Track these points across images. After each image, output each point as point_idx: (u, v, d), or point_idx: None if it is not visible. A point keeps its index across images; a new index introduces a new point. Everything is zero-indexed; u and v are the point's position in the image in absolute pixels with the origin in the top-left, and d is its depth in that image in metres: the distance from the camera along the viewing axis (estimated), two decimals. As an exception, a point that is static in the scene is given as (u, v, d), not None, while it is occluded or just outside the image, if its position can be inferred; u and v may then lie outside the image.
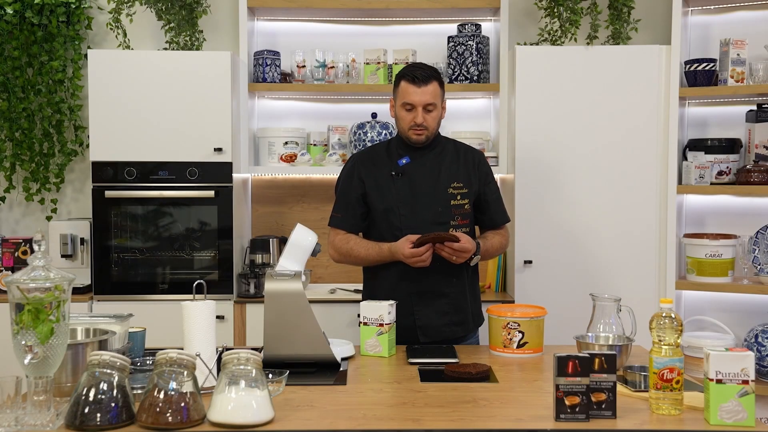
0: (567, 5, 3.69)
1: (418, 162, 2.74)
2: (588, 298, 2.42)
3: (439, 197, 2.71)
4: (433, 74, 2.69)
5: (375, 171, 2.76)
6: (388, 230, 2.73)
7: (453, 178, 2.74)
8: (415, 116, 2.67)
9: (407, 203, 2.71)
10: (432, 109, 2.68)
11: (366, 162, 2.80)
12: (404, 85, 2.68)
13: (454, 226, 2.71)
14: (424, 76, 2.66)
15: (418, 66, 2.73)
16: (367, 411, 1.90)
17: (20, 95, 3.89)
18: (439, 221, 2.70)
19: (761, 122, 3.63)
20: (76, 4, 3.86)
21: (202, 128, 3.61)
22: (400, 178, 2.73)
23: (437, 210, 2.71)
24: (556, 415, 1.81)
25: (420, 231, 2.63)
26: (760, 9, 3.75)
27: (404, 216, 2.71)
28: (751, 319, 3.64)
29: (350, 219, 2.78)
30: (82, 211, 4.08)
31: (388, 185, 2.73)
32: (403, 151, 2.76)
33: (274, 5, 3.87)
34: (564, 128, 3.65)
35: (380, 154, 2.81)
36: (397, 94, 2.71)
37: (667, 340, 1.85)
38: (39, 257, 1.78)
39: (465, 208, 2.74)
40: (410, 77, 2.67)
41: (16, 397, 1.76)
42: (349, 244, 2.77)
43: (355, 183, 2.78)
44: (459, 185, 2.74)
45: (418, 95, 2.65)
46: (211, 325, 2.03)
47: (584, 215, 3.65)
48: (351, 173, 2.80)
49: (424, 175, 2.73)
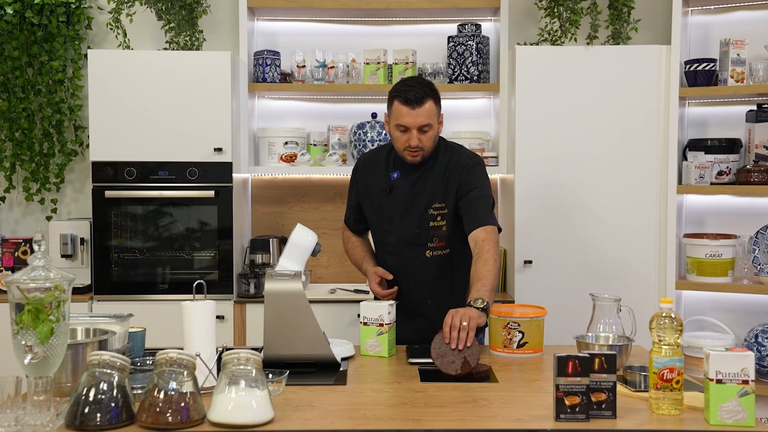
0: (567, 5, 3.69)
1: (406, 178, 2.68)
2: (588, 298, 2.42)
3: (417, 219, 2.65)
4: (428, 92, 2.55)
5: (371, 181, 2.77)
6: (376, 240, 2.82)
7: (435, 197, 2.64)
8: (409, 138, 2.57)
9: (391, 220, 2.71)
10: (427, 130, 2.57)
11: (366, 169, 2.81)
12: (397, 106, 2.56)
13: (431, 249, 2.66)
14: (417, 97, 2.52)
15: (412, 85, 2.58)
16: (367, 411, 1.90)
17: (20, 95, 3.89)
18: (415, 242, 2.67)
19: (761, 122, 3.63)
20: (76, 4, 3.86)
21: (202, 128, 3.61)
22: (388, 194, 2.70)
23: (414, 231, 2.66)
24: (556, 415, 1.81)
25: (397, 251, 2.71)
26: (760, 9, 3.75)
27: (386, 232, 2.72)
28: (751, 319, 3.64)
29: (351, 220, 2.90)
30: (82, 211, 4.08)
31: (379, 198, 2.73)
32: (397, 163, 2.71)
33: (274, 5, 3.87)
34: (564, 128, 3.65)
35: (380, 162, 2.77)
36: (391, 113, 2.61)
37: (667, 340, 1.85)
38: (39, 257, 1.78)
39: (443, 230, 2.64)
40: (403, 99, 2.54)
41: (16, 397, 1.76)
42: (348, 245, 2.93)
43: (354, 190, 2.84)
44: (440, 206, 2.64)
45: (411, 117, 2.53)
46: (211, 325, 2.03)
47: (584, 215, 3.65)
48: (354, 178, 2.85)
49: (407, 194, 2.67)
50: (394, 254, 2.71)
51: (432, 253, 2.67)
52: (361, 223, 2.86)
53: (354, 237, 2.91)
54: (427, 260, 2.67)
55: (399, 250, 2.69)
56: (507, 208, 3.85)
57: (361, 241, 2.91)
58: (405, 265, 2.69)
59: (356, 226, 2.89)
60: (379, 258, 2.81)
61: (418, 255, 2.68)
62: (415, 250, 2.67)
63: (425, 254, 2.67)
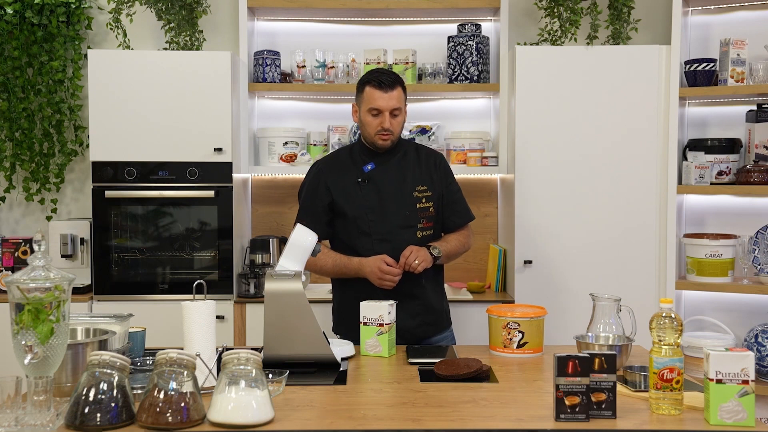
0: (567, 5, 3.69)
1: (383, 167, 2.77)
2: (588, 298, 2.42)
3: (405, 201, 2.75)
4: (397, 79, 2.72)
5: (341, 178, 2.78)
6: (357, 236, 2.75)
7: (417, 181, 2.78)
8: (382, 121, 2.69)
9: (375, 209, 2.74)
10: (398, 114, 2.71)
11: (332, 169, 2.81)
12: (369, 91, 2.69)
13: (420, 229, 2.76)
14: (389, 81, 2.68)
15: (383, 71, 2.74)
16: (367, 411, 1.90)
17: (20, 95, 3.89)
18: (407, 224, 2.75)
19: (761, 122, 3.63)
20: (76, 4, 3.87)
21: (202, 128, 3.61)
22: (367, 184, 2.76)
23: (404, 214, 2.75)
24: (556, 415, 1.81)
25: (389, 236, 2.71)
26: (760, 9, 3.75)
27: (373, 222, 2.74)
28: (751, 319, 3.64)
29: (316, 226, 2.63)
30: (82, 211, 4.08)
31: (355, 192, 2.76)
32: (367, 157, 2.79)
33: (274, 5, 3.87)
34: (564, 128, 3.65)
35: (344, 160, 2.83)
36: (362, 99, 2.73)
37: (667, 340, 1.85)
38: (39, 257, 1.78)
39: (429, 210, 2.78)
40: (376, 82, 2.68)
41: (16, 397, 1.76)
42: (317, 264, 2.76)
43: (321, 191, 2.78)
44: (423, 188, 2.78)
45: (384, 100, 2.67)
46: (211, 325, 2.03)
47: (584, 215, 3.65)
48: (316, 181, 2.80)
49: (390, 180, 2.77)
50: (387, 240, 2.71)
51: (422, 233, 2.76)
52: (327, 226, 2.78)
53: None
54: (418, 240, 2.74)
55: (393, 234, 2.72)
56: (507, 208, 3.85)
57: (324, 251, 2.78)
58: (399, 249, 2.68)
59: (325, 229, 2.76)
60: (367, 250, 2.72)
61: (410, 237, 2.74)
62: (407, 232, 2.74)
63: (416, 235, 2.75)
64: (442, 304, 2.86)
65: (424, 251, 2.66)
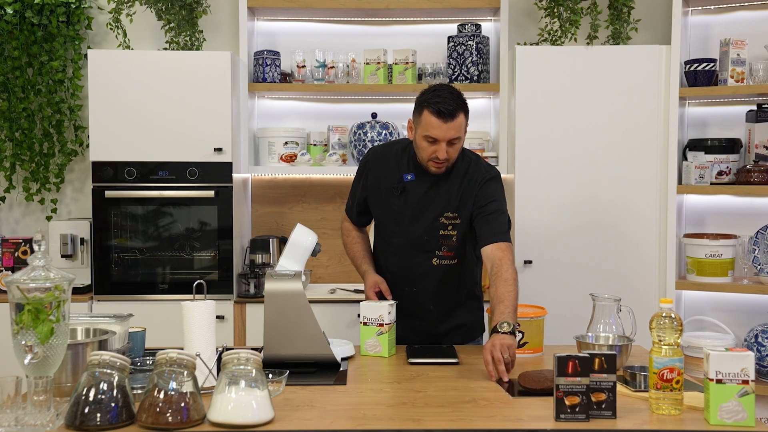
0: (567, 5, 3.69)
1: (420, 182, 2.60)
2: (588, 298, 2.42)
3: (428, 225, 2.60)
4: (460, 105, 2.46)
5: (381, 178, 2.68)
6: (378, 237, 2.76)
7: (447, 207, 2.58)
8: (436, 150, 2.47)
9: (399, 223, 2.65)
10: (456, 142, 2.48)
11: (378, 165, 2.71)
12: (428, 117, 2.45)
13: (438, 257, 2.62)
14: (450, 110, 2.42)
15: (445, 96, 2.45)
16: (367, 411, 1.90)
17: (20, 95, 3.89)
18: (424, 249, 2.62)
19: (761, 122, 3.63)
20: (76, 4, 3.86)
21: (202, 128, 3.61)
22: (399, 195, 2.63)
23: (424, 238, 2.61)
24: (556, 415, 1.81)
25: (402, 253, 2.66)
26: (760, 9, 3.75)
27: (394, 233, 2.67)
28: (751, 319, 3.64)
29: (355, 212, 2.82)
30: (82, 211, 4.08)
31: (387, 198, 2.66)
32: (412, 165, 2.63)
33: (274, 5, 3.87)
34: (564, 128, 3.65)
35: (392, 158, 2.68)
36: (419, 122, 2.49)
37: (667, 340, 1.85)
38: (39, 257, 1.78)
39: (452, 240, 2.59)
40: (435, 110, 2.43)
41: (16, 397, 1.76)
42: (347, 239, 2.86)
43: (362, 183, 2.75)
44: (452, 215, 2.58)
45: (443, 131, 2.44)
46: (211, 325, 2.03)
47: (584, 215, 3.65)
48: (363, 171, 2.76)
49: (420, 199, 2.60)
50: (399, 257, 2.67)
51: (439, 261, 2.62)
52: (365, 216, 2.80)
53: (354, 230, 2.84)
54: (432, 267, 2.63)
55: (405, 253, 2.64)
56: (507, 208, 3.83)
57: (361, 237, 2.84)
58: (409, 270, 2.65)
59: (359, 218, 2.82)
60: (383, 258, 2.73)
61: (424, 261, 2.63)
62: (421, 256, 2.63)
63: (432, 261, 2.62)
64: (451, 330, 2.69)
65: (500, 341, 2.17)
